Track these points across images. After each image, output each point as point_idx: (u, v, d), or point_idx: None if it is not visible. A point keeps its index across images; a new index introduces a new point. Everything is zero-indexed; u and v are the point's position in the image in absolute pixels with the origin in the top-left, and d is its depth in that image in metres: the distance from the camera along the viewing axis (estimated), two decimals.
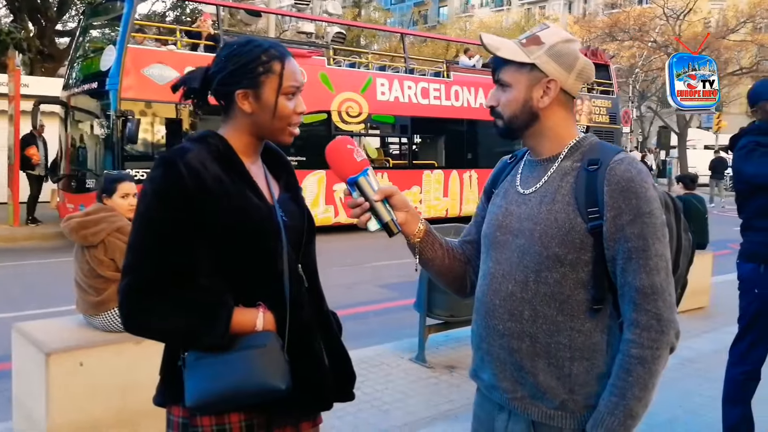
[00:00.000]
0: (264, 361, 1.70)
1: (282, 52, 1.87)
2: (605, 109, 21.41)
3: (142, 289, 1.70)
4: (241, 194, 1.78)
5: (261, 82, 1.83)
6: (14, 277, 9.86)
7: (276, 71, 1.84)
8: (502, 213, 1.85)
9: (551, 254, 1.70)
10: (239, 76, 1.83)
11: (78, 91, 13.92)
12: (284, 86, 1.84)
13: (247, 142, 1.89)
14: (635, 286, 1.65)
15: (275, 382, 1.68)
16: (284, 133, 1.88)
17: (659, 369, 1.64)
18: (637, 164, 1.70)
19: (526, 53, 1.76)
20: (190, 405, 1.71)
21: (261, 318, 1.76)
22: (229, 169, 1.80)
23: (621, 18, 38.43)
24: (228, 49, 1.88)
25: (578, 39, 1.84)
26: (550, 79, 1.75)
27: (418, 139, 18.55)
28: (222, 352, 1.72)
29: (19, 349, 4.09)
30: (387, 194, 1.81)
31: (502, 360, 1.79)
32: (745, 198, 3.89)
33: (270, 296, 1.79)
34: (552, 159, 1.80)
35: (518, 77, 1.77)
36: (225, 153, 1.83)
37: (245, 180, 1.83)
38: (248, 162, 1.88)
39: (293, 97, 1.86)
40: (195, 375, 1.71)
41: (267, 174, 1.96)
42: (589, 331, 1.71)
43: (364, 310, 8.13)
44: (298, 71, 1.88)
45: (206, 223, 1.72)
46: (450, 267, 1.97)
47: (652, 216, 1.66)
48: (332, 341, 1.98)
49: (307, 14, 22.19)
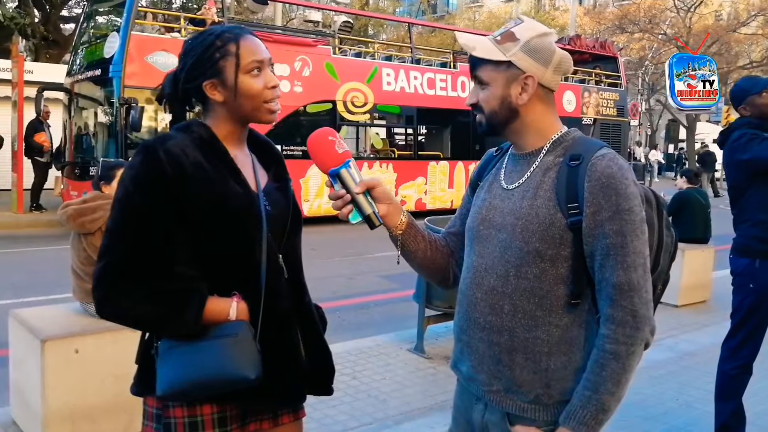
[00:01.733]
0: (235, 350, 1.68)
1: (237, 33, 1.84)
2: (613, 102, 21.36)
3: (117, 272, 1.69)
4: (222, 181, 1.77)
5: (221, 67, 1.81)
6: (17, 264, 9.89)
7: (232, 52, 1.81)
8: (486, 207, 1.86)
9: (532, 249, 1.71)
10: (200, 68, 1.82)
11: (81, 78, 13.92)
12: (243, 64, 1.80)
13: (230, 130, 1.87)
14: (612, 282, 1.65)
15: (245, 372, 1.67)
16: (261, 111, 1.84)
17: (633, 365, 1.65)
18: (618, 160, 1.69)
19: (502, 51, 1.76)
20: (160, 394, 1.71)
21: (234, 307, 1.74)
22: (212, 157, 1.80)
23: (631, 10, 38.12)
24: (186, 45, 1.88)
25: (553, 31, 1.82)
26: (527, 76, 1.75)
27: (423, 129, 18.52)
28: (194, 341, 1.71)
29: (16, 335, 4.10)
30: (369, 186, 1.80)
31: (481, 353, 1.81)
32: (740, 191, 3.87)
33: (246, 285, 1.78)
34: (535, 153, 1.80)
35: (495, 75, 1.77)
36: (209, 141, 1.82)
37: (228, 167, 1.81)
38: (234, 150, 1.87)
39: (259, 72, 1.83)
40: (166, 363, 1.71)
41: (255, 163, 1.94)
42: (567, 326, 1.72)
43: (365, 300, 8.14)
44: (257, 46, 1.84)
45: (185, 209, 1.72)
46: (432, 259, 1.97)
47: (632, 213, 1.65)
48: (311, 334, 1.96)
49: (314, 3, 22.15)
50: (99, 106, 13.47)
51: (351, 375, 5.14)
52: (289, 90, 14.37)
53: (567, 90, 20.08)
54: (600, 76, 21.68)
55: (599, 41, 23.21)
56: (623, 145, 22.10)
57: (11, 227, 13.30)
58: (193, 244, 1.75)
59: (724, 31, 35.32)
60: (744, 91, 3.95)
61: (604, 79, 21.69)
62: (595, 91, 20.90)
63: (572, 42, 21.77)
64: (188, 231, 1.73)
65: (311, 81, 14.75)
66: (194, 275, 1.75)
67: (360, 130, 16.78)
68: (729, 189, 4.00)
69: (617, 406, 1.65)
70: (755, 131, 3.79)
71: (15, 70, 14.49)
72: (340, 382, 4.98)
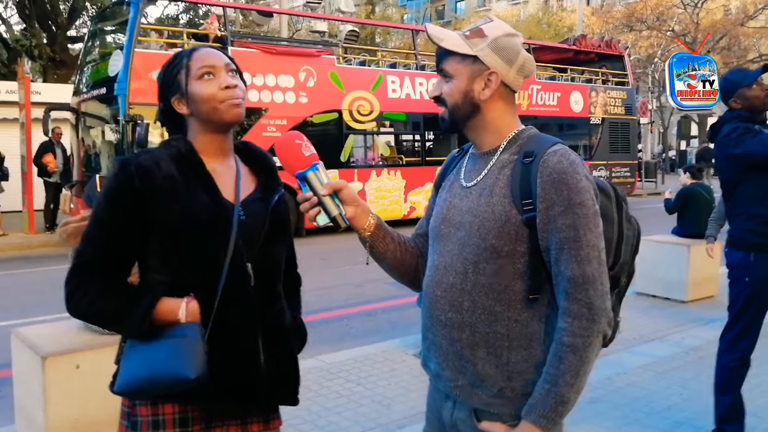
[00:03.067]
0: (180, 351, 1.73)
1: (190, 49, 1.96)
2: (621, 101, 21.28)
3: (80, 273, 1.81)
4: (190, 192, 1.83)
5: (179, 81, 1.91)
6: (28, 284, 9.98)
7: (184, 64, 1.91)
8: (446, 206, 1.89)
9: (488, 246, 1.73)
10: (167, 87, 1.93)
11: (88, 97, 14.03)
12: (192, 72, 1.89)
13: (206, 141, 1.93)
14: (567, 276, 1.67)
15: (184, 371, 1.70)
16: (219, 111, 1.88)
17: (591, 356, 1.67)
18: (570, 155, 1.72)
19: (470, 45, 1.79)
20: (117, 390, 1.79)
21: (183, 308, 1.78)
22: (187, 169, 1.86)
23: (638, 8, 38.08)
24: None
25: (520, 34, 1.85)
26: (491, 72, 1.78)
27: (431, 135, 18.54)
28: (150, 341, 1.77)
29: (18, 353, 4.14)
30: (335, 189, 1.83)
31: (445, 350, 1.83)
32: (733, 185, 3.86)
33: (204, 289, 1.82)
34: (492, 152, 1.84)
35: (460, 68, 1.80)
36: (185, 154, 1.89)
37: (201, 178, 1.87)
38: (213, 162, 1.92)
39: (211, 77, 1.89)
40: (126, 362, 1.79)
41: (241, 174, 1.98)
42: (527, 320, 1.74)
43: (372, 307, 8.16)
44: (207, 54, 1.92)
45: (153, 219, 1.80)
46: (402, 260, 2.00)
47: (584, 207, 1.67)
48: (275, 342, 1.96)
49: (319, 13, 22.26)
50: (105, 124, 13.56)
51: (356, 381, 5.15)
52: (294, 101, 14.43)
53: (574, 90, 20.05)
54: (607, 76, 21.62)
55: (605, 40, 23.14)
56: (632, 142, 22.01)
57: (23, 248, 13.42)
58: (161, 251, 1.83)
59: (732, 26, 35.17)
60: (734, 84, 3.93)
61: (611, 78, 21.62)
62: (603, 90, 20.83)
63: (578, 42, 21.77)
64: (156, 239, 1.81)
65: (316, 91, 14.78)
66: (163, 280, 1.82)
67: (367, 138, 16.83)
68: (722, 183, 3.99)
69: (577, 397, 1.67)
70: (747, 125, 3.78)
71: (21, 92, 14.65)
72: (345, 388, 5.00)
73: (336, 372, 5.34)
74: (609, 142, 20.88)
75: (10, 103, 16.69)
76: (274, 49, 14.74)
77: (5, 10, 25.62)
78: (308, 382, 4.88)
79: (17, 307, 8.15)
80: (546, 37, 36.86)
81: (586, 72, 21.36)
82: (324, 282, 9.26)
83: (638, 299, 7.97)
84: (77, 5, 23.27)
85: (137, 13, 12.99)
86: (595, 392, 4.82)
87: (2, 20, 25.39)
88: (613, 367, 5.35)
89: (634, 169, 22.15)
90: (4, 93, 17.89)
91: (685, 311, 7.39)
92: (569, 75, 20.60)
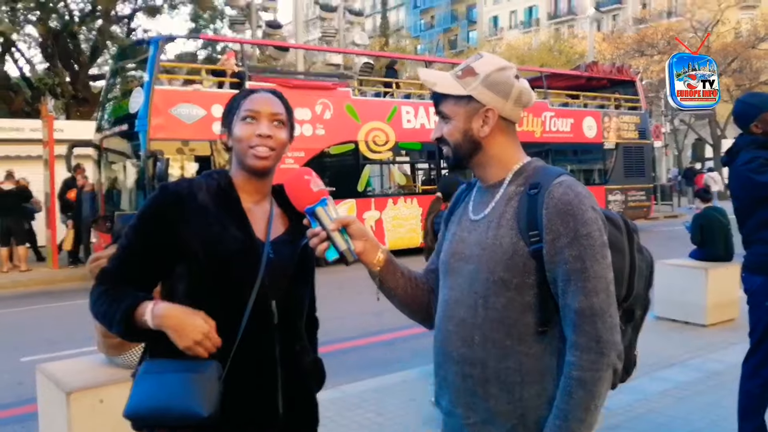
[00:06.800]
0: (195, 386, 1.78)
1: (252, 90, 2.07)
2: (634, 125, 21.27)
3: (99, 276, 1.98)
4: (223, 226, 1.92)
5: (232, 119, 2.02)
6: (53, 319, 10.10)
7: (238, 103, 2.03)
8: (456, 240, 1.89)
9: (497, 279, 1.72)
10: (225, 119, 2.06)
11: (109, 134, 14.27)
12: (240, 112, 2.00)
13: (243, 180, 2.02)
14: (574, 308, 1.65)
15: (197, 408, 1.75)
16: (247, 156, 1.97)
17: (601, 391, 1.64)
18: (576, 187, 1.71)
19: (462, 85, 1.81)
20: (125, 414, 1.84)
21: (149, 309, 1.85)
22: (223, 202, 1.96)
23: (649, 33, 38.17)
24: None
25: (513, 65, 1.86)
26: (487, 109, 1.80)
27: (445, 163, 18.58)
28: (165, 371, 1.84)
29: (42, 389, 4.19)
30: (344, 224, 1.84)
31: (457, 386, 1.81)
32: (749, 211, 3.87)
33: (227, 322, 1.87)
34: (498, 184, 1.84)
35: (457, 109, 1.82)
36: (224, 187, 2.00)
37: (235, 214, 1.96)
38: (249, 200, 2.02)
39: (252, 121, 1.98)
40: (137, 387, 1.86)
41: (272, 216, 2.05)
42: (538, 354, 1.72)
43: (392, 336, 8.11)
44: (258, 100, 2.02)
45: (182, 246, 1.89)
46: (413, 296, 1.98)
47: (590, 238, 1.66)
48: (295, 382, 2.01)
49: (334, 47, 22.48)
50: (127, 159, 13.78)
51: (376, 411, 5.16)
52: (311, 133, 14.60)
53: (587, 116, 20.09)
54: (619, 101, 21.65)
55: (616, 66, 23.22)
56: (647, 166, 21.96)
57: (47, 283, 13.58)
58: (188, 278, 1.91)
59: (743, 48, 35.12)
60: (756, 108, 3.91)
61: (623, 103, 21.63)
62: (616, 115, 20.85)
63: (589, 68, 21.84)
64: (185, 266, 1.90)
65: (333, 123, 14.96)
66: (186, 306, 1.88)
67: (383, 168, 16.94)
68: (736, 209, 3.98)
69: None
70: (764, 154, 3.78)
71: (45, 130, 14.90)
72: (365, 419, 5.01)
73: (356, 402, 5.35)
74: (624, 167, 20.84)
75: (34, 141, 16.96)
76: (290, 83, 14.91)
77: (29, 50, 26.16)
78: (329, 412, 4.88)
79: (42, 342, 8.24)
80: (558, 64, 37.01)
81: (598, 98, 21.41)
82: (342, 311, 9.26)
83: (658, 323, 7.91)
84: (99, 44, 23.67)
85: (157, 51, 13.28)
86: (615, 419, 4.80)
87: (26, 60, 25.88)
88: (633, 394, 5.30)
89: (649, 193, 22.06)
90: (28, 131, 18.17)
91: (706, 335, 7.35)
92: (582, 101, 20.67)
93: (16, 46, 24.19)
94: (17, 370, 6.97)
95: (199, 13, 25.29)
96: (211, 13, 25.41)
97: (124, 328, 1.88)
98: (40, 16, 21.54)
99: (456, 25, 68.84)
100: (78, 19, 23.37)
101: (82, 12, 23.85)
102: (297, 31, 23.31)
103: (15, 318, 10.50)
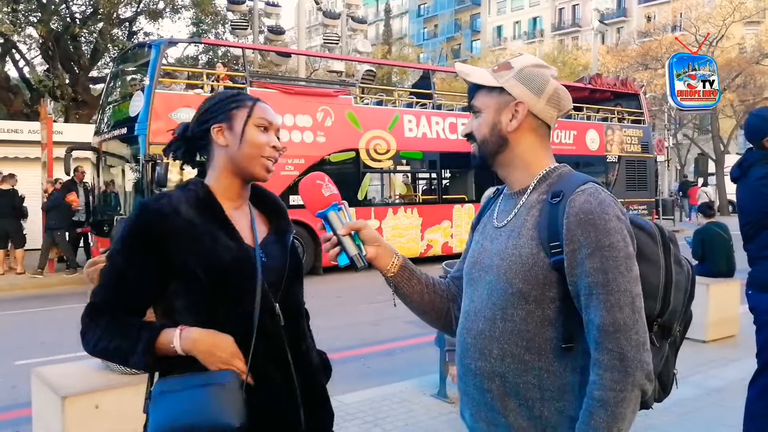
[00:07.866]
0: (220, 398, 1.73)
1: (256, 99, 2.00)
2: (637, 139, 21.27)
3: (91, 312, 1.87)
4: (212, 237, 1.85)
5: (232, 114, 1.94)
6: (48, 322, 10.03)
7: (247, 106, 1.95)
8: (478, 249, 1.83)
9: (516, 291, 1.66)
10: (212, 113, 1.96)
11: (108, 137, 14.22)
12: (254, 116, 1.94)
13: (227, 185, 1.96)
14: (596, 324, 1.57)
15: (228, 420, 1.71)
16: (257, 164, 1.92)
17: (625, 413, 1.54)
18: (599, 194, 1.62)
19: (496, 78, 1.77)
20: None
21: (177, 336, 1.80)
22: (207, 213, 1.89)
23: (653, 46, 38.26)
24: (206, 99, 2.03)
25: (552, 67, 1.80)
26: (517, 102, 1.74)
27: (447, 173, 18.56)
28: (183, 388, 1.77)
29: (37, 393, 4.14)
30: (354, 228, 1.82)
31: (477, 400, 1.76)
32: (757, 228, 3.81)
33: (238, 332, 1.83)
34: (522, 192, 1.77)
35: (488, 101, 1.78)
36: (204, 198, 1.91)
37: (221, 223, 1.90)
38: (231, 206, 1.95)
39: (266, 131, 1.94)
40: (156, 408, 1.78)
41: (254, 218, 2.01)
42: (559, 371, 1.65)
43: (390, 347, 8.10)
44: (270, 113, 1.97)
45: (174, 263, 1.81)
46: (431, 303, 1.93)
47: (613, 249, 1.57)
48: (309, 381, 1.98)
49: (337, 54, 22.52)
50: (126, 163, 13.75)
51: (373, 422, 5.11)
52: (312, 140, 14.56)
53: (590, 129, 20.07)
54: (623, 114, 21.66)
55: (620, 79, 23.26)
56: (650, 180, 21.95)
57: (43, 286, 13.55)
58: (186, 294, 1.84)
59: (748, 64, 35.22)
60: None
61: (627, 117, 21.65)
62: (619, 128, 20.85)
63: (593, 81, 21.87)
64: (181, 282, 1.83)
65: (334, 130, 14.92)
66: (189, 322, 1.83)
67: (384, 177, 16.90)
68: (744, 225, 3.91)
69: None
70: None
71: (44, 132, 14.88)
72: (363, 429, 4.97)
73: (353, 413, 5.31)
74: (626, 180, 20.83)
75: (32, 143, 16.96)
76: (292, 90, 14.93)
77: (29, 52, 26.15)
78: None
79: (37, 346, 8.20)
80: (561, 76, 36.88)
81: (602, 110, 21.41)
82: (341, 320, 9.24)
83: None
84: (99, 47, 23.66)
85: (158, 55, 13.24)
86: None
87: (26, 61, 25.90)
88: None
89: (651, 207, 22.03)
90: (27, 132, 18.20)
91: (706, 351, 7.28)
92: (585, 113, 20.66)
93: (16, 48, 24.25)
94: (11, 373, 6.94)
95: (200, 18, 25.29)
96: (213, 18, 25.41)
97: (148, 359, 1.80)
98: (41, 18, 21.52)
99: (459, 34, 69.03)
100: (79, 21, 23.36)
101: (83, 14, 23.87)
102: (299, 38, 23.29)
103: (9, 321, 10.45)
